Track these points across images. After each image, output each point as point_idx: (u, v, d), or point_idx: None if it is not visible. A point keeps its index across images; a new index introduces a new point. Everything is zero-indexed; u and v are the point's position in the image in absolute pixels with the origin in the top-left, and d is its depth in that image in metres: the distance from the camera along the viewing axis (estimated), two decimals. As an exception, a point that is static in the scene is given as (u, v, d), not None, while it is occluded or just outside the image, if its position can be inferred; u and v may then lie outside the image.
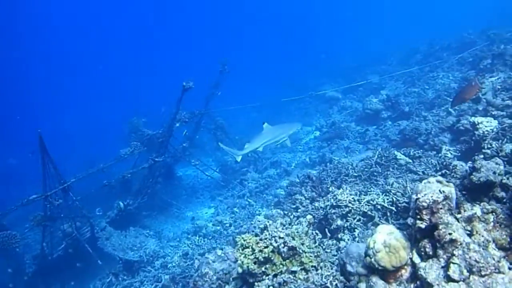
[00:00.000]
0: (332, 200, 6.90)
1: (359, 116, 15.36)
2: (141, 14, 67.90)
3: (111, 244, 11.79)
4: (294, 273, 5.00)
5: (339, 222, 6.58)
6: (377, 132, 13.02)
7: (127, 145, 13.32)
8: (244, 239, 5.35)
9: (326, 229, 6.65)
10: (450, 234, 3.79)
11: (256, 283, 5.11)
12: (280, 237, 5.14)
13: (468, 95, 8.22)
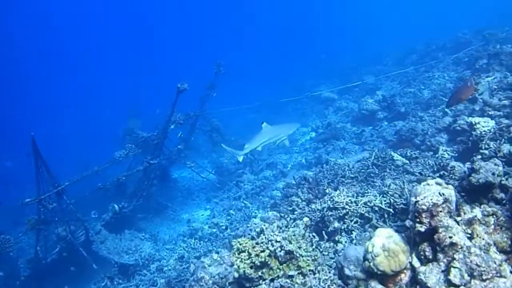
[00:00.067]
0: (329, 202, 6.83)
1: (355, 117, 15.33)
2: (141, 14, 67.82)
3: (106, 248, 11.67)
4: (291, 278, 4.92)
5: (336, 224, 6.51)
6: (373, 133, 12.98)
7: (122, 148, 13.25)
8: (240, 243, 5.26)
9: (323, 232, 6.56)
10: (451, 238, 3.72)
11: (253, 288, 5.04)
12: (277, 241, 5.06)
13: (464, 96, 8.16)
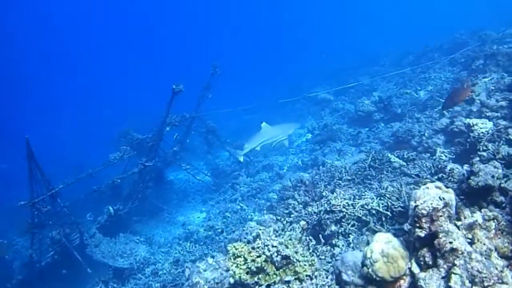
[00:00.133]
0: (326, 205, 6.74)
1: (351, 118, 15.25)
2: (141, 14, 67.89)
3: (101, 252, 11.54)
4: (288, 283, 4.83)
5: (333, 228, 6.43)
6: (370, 134, 12.91)
7: (117, 149, 13.14)
8: (236, 248, 5.16)
9: (320, 235, 6.48)
10: (451, 243, 3.63)
11: (249, 294, 4.94)
12: (273, 246, 4.96)
13: (460, 97, 8.10)
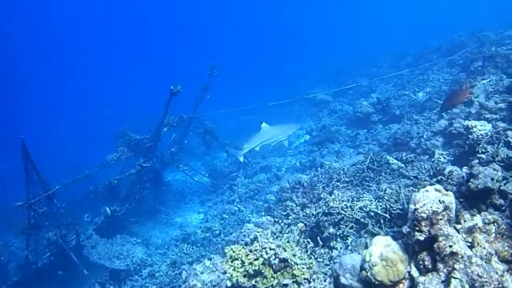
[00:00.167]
0: (324, 207, 6.70)
1: (350, 120, 15.21)
2: (140, 14, 67.90)
3: (97, 253, 11.48)
4: (286, 287, 4.78)
5: (331, 230, 6.38)
6: (368, 136, 12.88)
7: (115, 150, 13.10)
8: (234, 251, 5.12)
9: (318, 237, 6.44)
10: (451, 247, 3.58)
11: (246, 297, 4.89)
12: (271, 249, 4.92)
13: (459, 99, 8.06)
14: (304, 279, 4.88)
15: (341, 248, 6.06)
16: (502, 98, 8.75)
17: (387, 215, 5.93)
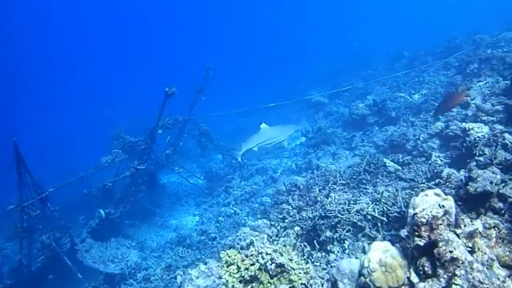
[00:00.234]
0: (321, 210, 6.63)
1: (346, 122, 15.15)
2: (140, 14, 67.85)
3: (91, 257, 11.35)
4: (283, 292, 4.70)
5: (328, 233, 6.32)
6: (364, 138, 12.82)
7: (109, 152, 12.98)
8: (229, 255, 5.02)
9: (315, 241, 6.37)
10: (451, 252, 3.51)
11: (242, 303, 4.80)
12: (267, 253, 4.83)
13: (454, 103, 8.03)
14: (301, 284, 4.80)
15: (338, 252, 5.99)
16: (499, 101, 8.71)
17: (384, 218, 5.87)
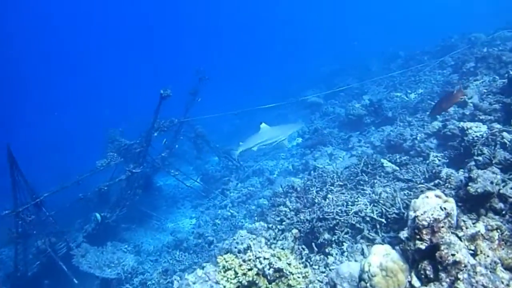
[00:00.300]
0: (318, 212, 6.55)
1: (342, 122, 15.07)
2: (140, 14, 67.77)
3: (87, 262, 11.23)
4: (281, 297, 4.61)
5: (327, 236, 6.23)
6: (361, 138, 12.75)
7: (104, 155, 12.88)
8: (226, 260, 4.93)
9: (313, 243, 6.29)
10: (453, 255, 3.43)
11: (240, 309, 4.71)
12: (265, 258, 4.73)
13: (450, 103, 7.97)
14: (300, 289, 4.72)
15: (337, 255, 5.91)
16: (496, 99, 8.65)
17: (383, 220, 5.79)
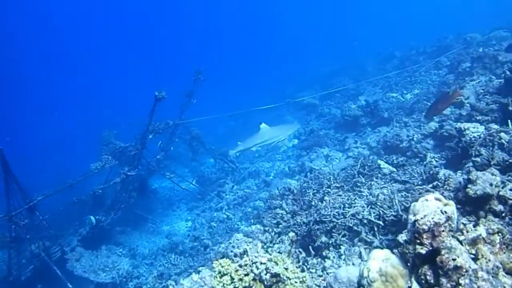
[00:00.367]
0: (315, 215, 6.47)
1: (338, 123, 15.01)
2: (140, 14, 67.68)
3: (82, 266, 11.10)
4: (278, 303, 4.52)
5: (324, 239, 6.14)
6: (357, 139, 12.70)
7: (99, 158, 12.77)
8: (222, 265, 4.82)
9: (310, 247, 6.20)
10: (454, 260, 3.35)
11: (236, 315, 4.61)
12: (262, 263, 4.63)
13: (445, 105, 7.92)
14: (298, 294, 4.62)
15: (334, 258, 5.84)
16: (493, 99, 8.60)
17: (381, 222, 5.72)
